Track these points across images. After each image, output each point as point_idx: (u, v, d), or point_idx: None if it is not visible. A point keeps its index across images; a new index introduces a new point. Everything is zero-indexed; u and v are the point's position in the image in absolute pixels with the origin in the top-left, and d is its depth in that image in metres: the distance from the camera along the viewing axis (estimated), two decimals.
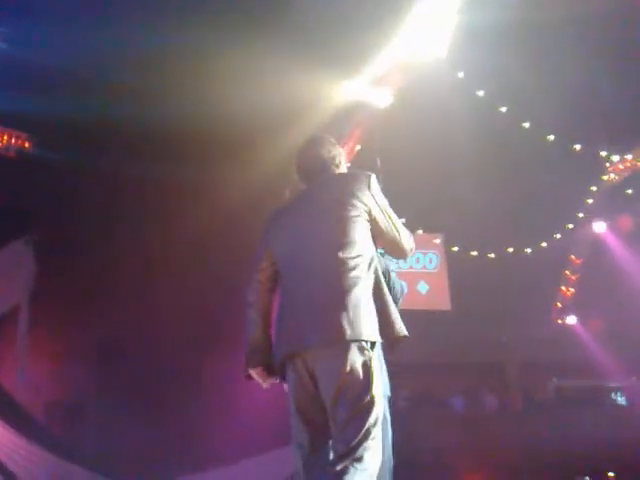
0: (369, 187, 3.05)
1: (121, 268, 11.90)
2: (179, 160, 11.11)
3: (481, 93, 12.41)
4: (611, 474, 9.23)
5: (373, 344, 2.86)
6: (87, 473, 11.37)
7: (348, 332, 2.78)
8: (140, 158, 11.13)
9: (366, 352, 2.82)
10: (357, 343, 2.80)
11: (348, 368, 2.78)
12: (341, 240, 2.92)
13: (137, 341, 11.96)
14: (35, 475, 11.03)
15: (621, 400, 16.42)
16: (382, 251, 3.50)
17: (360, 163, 13.37)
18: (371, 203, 3.02)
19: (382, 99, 11.47)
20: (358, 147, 12.69)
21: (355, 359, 2.80)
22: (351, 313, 2.80)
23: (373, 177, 3.10)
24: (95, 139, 10.87)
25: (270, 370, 3.10)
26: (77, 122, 10.29)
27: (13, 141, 11.25)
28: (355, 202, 2.99)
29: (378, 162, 13.93)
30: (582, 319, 17.01)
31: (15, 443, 11.04)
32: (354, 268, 2.87)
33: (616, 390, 16.45)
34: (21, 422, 11.32)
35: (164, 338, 12.14)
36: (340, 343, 2.79)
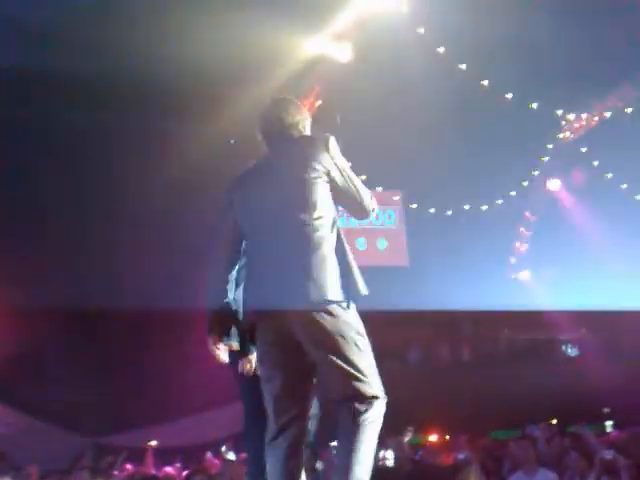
0: (327, 149, 3.10)
1: (81, 222, 11.72)
2: (139, 111, 10.90)
3: (441, 50, 12.38)
4: (554, 421, 9.65)
5: (341, 303, 2.90)
6: (48, 426, 11.39)
7: (316, 293, 2.82)
8: (100, 108, 10.89)
9: (336, 311, 2.87)
10: (325, 304, 2.84)
11: (322, 330, 2.85)
12: (303, 202, 2.97)
13: (97, 294, 11.87)
14: None
15: (571, 352, 17.00)
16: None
17: (320, 118, 13.34)
18: (330, 165, 3.06)
19: (342, 54, 11.38)
20: (319, 102, 12.59)
21: (327, 319, 2.86)
22: (319, 274, 2.84)
23: (332, 139, 3.14)
24: (55, 89, 10.56)
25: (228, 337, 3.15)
26: (33, 73, 10.00)
27: None
28: (314, 164, 3.03)
29: (338, 119, 13.87)
30: (535, 274, 17.42)
31: None
32: (317, 229, 2.91)
33: (566, 342, 17.01)
34: None
35: (124, 291, 12.07)
36: (310, 305, 2.84)
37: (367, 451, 2.87)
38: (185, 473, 7.67)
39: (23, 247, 11.61)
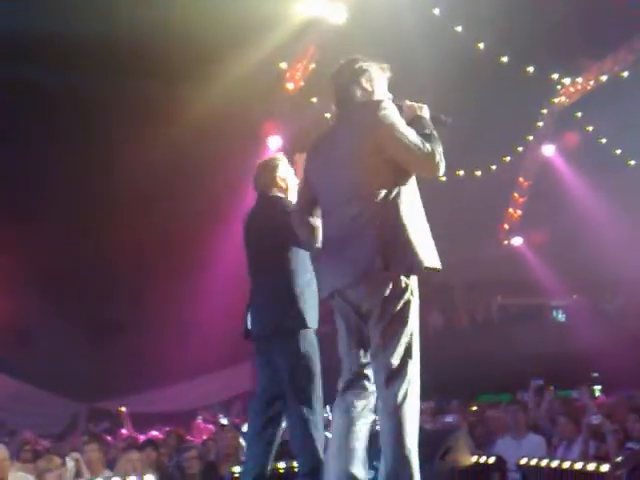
0: (377, 118, 2.94)
1: (71, 192, 11.62)
2: (136, 75, 10.76)
3: (437, 11, 12.19)
4: (540, 382, 9.80)
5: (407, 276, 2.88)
6: (40, 391, 11.44)
7: (382, 265, 2.80)
8: (101, 73, 10.74)
9: (401, 284, 2.86)
10: (391, 275, 2.84)
11: (386, 302, 2.84)
12: (359, 178, 2.92)
13: (89, 261, 11.84)
14: None
15: (561, 317, 17.13)
16: None
17: (315, 82, 13.16)
18: (382, 134, 2.91)
19: (337, 16, 11.20)
20: (312, 65, 12.43)
21: (391, 291, 2.84)
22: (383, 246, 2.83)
23: (382, 105, 2.98)
24: (37, 51, 10.37)
25: None
26: (32, 35, 9.84)
27: None
28: (369, 136, 2.93)
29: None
30: (527, 240, 17.45)
31: None
32: (369, 203, 2.87)
33: (557, 308, 17.13)
34: None
35: (114, 259, 12.03)
36: (375, 277, 2.83)
37: None
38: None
39: (7, 216, 11.53)
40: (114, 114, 11.23)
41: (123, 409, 9.80)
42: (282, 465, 4.57)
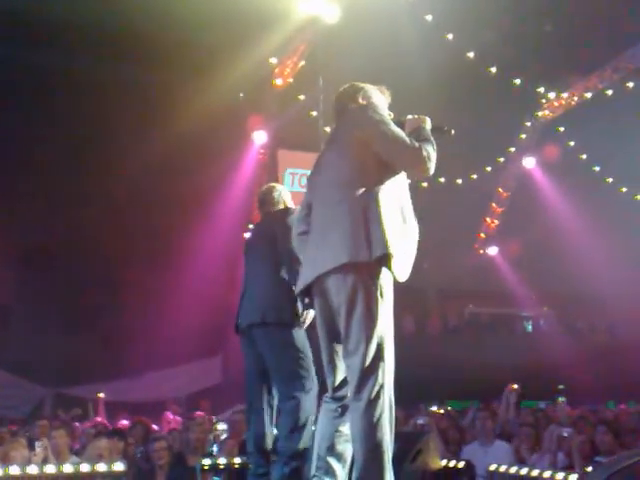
0: (365, 115, 3.01)
1: (47, 169, 11.48)
2: (126, 61, 10.70)
3: (429, 17, 12.24)
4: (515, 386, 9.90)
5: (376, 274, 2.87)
6: (10, 377, 11.28)
7: (352, 255, 2.82)
8: (94, 57, 10.66)
9: (370, 280, 2.84)
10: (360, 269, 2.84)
11: (353, 298, 2.84)
12: (344, 169, 2.95)
13: (64, 248, 11.70)
14: None
15: (531, 328, 17.32)
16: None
17: (303, 80, 13.15)
18: (369, 128, 2.95)
19: (331, 14, 11.20)
20: (302, 63, 12.41)
21: (358, 286, 2.85)
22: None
23: (371, 106, 3.08)
24: (36, 33, 10.26)
25: None
26: (18, 14, 9.73)
27: None
28: (356, 130, 2.97)
29: (320, 81, 13.74)
30: (502, 250, 17.60)
31: None
32: (351, 192, 2.89)
33: (527, 319, 17.32)
34: None
35: (90, 246, 11.92)
36: (344, 268, 2.84)
37: None
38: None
39: None
40: (105, 98, 11.15)
41: (101, 395, 9.69)
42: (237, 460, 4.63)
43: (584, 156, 15.89)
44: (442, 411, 9.00)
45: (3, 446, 5.46)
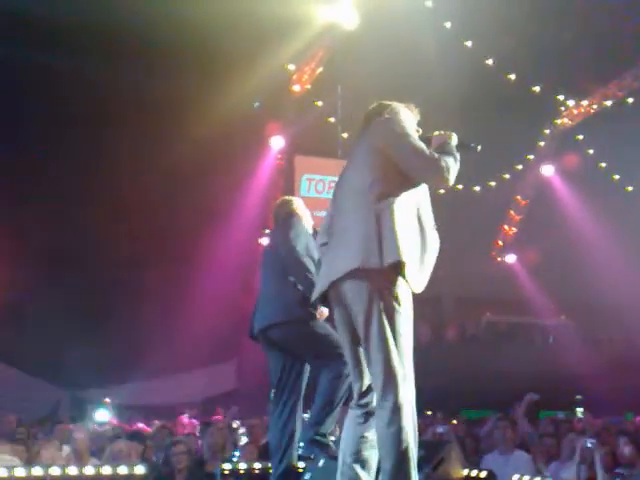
0: (386, 122, 3.03)
1: (70, 175, 11.57)
2: (143, 70, 10.77)
3: (448, 25, 12.23)
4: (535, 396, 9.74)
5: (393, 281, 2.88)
6: (26, 377, 11.34)
7: (366, 262, 2.82)
8: (113, 64, 10.75)
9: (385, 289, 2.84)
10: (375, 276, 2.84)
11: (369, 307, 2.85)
12: (361, 186, 2.94)
13: (81, 250, 11.76)
14: None
15: (549, 338, 17.14)
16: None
17: (321, 86, 13.18)
18: (387, 135, 2.97)
19: (350, 21, 11.22)
20: (320, 69, 12.43)
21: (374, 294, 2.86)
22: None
23: (392, 114, 3.09)
24: (51, 35, 10.34)
25: None
26: (34, 18, 9.82)
27: None
28: (375, 137, 3.00)
29: (338, 87, 13.74)
30: (521, 258, 17.48)
31: None
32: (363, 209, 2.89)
33: (545, 328, 17.14)
34: None
35: (107, 250, 11.97)
36: (359, 275, 2.85)
37: None
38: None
39: (6, 196, 11.46)
40: (121, 103, 11.22)
41: (108, 400, 9.74)
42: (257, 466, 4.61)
43: (603, 164, 15.77)
44: (455, 422, 8.96)
45: (34, 447, 5.51)
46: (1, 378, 11.15)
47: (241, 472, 4.53)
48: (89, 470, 4.22)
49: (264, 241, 11.61)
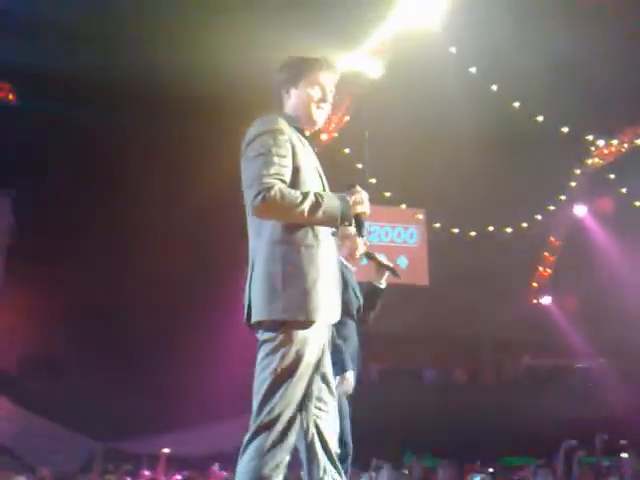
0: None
1: (101, 228, 11.80)
2: (173, 119, 10.99)
3: (473, 70, 12.33)
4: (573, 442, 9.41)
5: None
6: (60, 429, 11.39)
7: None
8: (131, 113, 10.99)
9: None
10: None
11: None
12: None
13: (113, 301, 11.92)
14: (6, 430, 11.02)
15: (588, 381, 16.72)
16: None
17: (348, 134, 13.33)
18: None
19: (374, 70, 11.40)
20: (347, 118, 12.60)
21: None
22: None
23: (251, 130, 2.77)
24: (84, 92, 10.67)
25: None
26: (67, 75, 10.13)
27: None
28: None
29: (366, 134, 13.89)
30: (556, 300, 17.21)
31: None
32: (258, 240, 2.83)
33: (584, 370, 16.74)
34: None
35: (140, 300, 12.11)
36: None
37: None
38: None
39: (40, 249, 11.72)
40: (152, 153, 11.47)
41: (166, 450, 9.62)
42: None
43: (638, 203, 15.57)
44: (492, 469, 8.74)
45: None
46: (35, 430, 11.21)
47: None
48: None
49: None
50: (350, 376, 3.89)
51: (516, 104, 12.99)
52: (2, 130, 10.89)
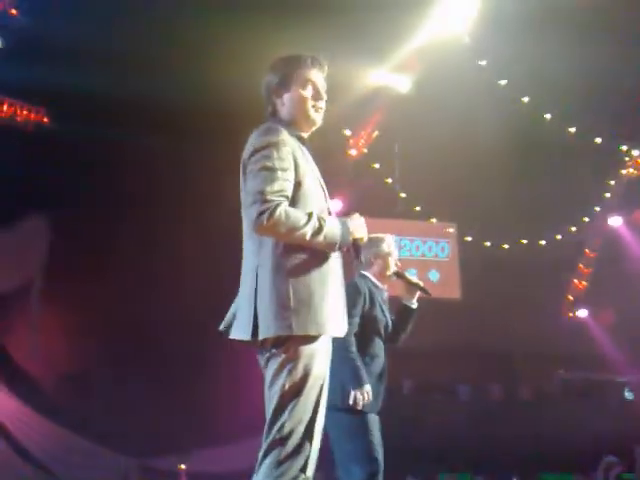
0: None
1: (132, 245, 11.95)
2: (201, 138, 11.10)
3: (503, 82, 12.27)
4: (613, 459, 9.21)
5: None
6: (96, 447, 11.49)
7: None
8: (161, 133, 11.12)
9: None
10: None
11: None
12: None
13: (152, 318, 12.01)
14: (44, 447, 11.16)
15: (628, 395, 16.38)
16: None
17: (378, 149, 13.34)
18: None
19: (402, 85, 11.41)
20: (376, 133, 12.61)
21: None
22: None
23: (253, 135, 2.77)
24: (115, 113, 10.85)
25: None
26: (99, 96, 10.32)
27: (32, 116, 11.27)
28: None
29: (396, 148, 13.89)
30: (593, 313, 16.93)
31: (25, 414, 11.16)
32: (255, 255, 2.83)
33: (623, 385, 16.41)
34: (32, 394, 11.43)
35: (175, 314, 12.20)
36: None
37: None
38: None
39: (74, 268, 11.89)
40: (182, 171, 11.60)
41: (183, 467, 9.68)
42: None
43: None
44: None
45: None
46: (67, 446, 11.33)
47: None
48: None
49: None
50: (367, 390, 3.88)
51: (547, 115, 12.87)
52: (38, 152, 11.14)
